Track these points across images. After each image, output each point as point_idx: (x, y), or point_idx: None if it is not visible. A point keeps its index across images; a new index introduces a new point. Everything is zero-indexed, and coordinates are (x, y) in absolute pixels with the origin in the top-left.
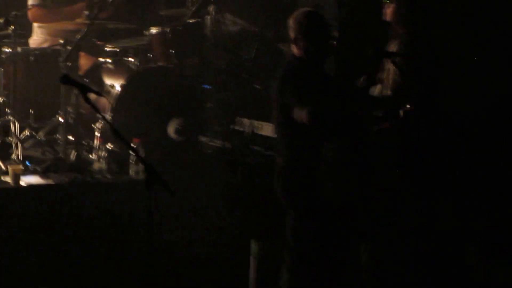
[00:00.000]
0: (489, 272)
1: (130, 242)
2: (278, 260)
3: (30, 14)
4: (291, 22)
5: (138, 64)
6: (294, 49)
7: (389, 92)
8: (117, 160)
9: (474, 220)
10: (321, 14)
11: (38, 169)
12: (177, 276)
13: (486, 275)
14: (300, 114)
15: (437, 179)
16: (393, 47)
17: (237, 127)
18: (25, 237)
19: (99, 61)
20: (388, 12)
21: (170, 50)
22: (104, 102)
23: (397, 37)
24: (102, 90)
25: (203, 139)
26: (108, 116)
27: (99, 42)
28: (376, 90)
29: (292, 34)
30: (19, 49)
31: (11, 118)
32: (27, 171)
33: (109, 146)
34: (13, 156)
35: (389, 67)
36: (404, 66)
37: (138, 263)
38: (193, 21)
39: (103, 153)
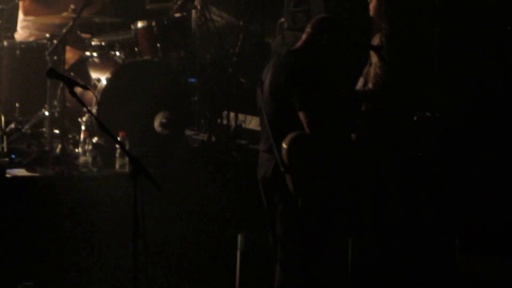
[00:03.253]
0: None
1: (115, 235)
2: (265, 254)
3: (23, 7)
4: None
5: (124, 57)
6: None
7: (370, 86)
8: (102, 154)
9: (461, 215)
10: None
11: (24, 162)
12: (163, 269)
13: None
14: (304, 119)
15: (423, 174)
16: (376, 40)
17: (222, 121)
18: (9, 229)
19: (85, 55)
20: (371, 7)
21: (156, 44)
22: (90, 95)
23: (380, 31)
24: (88, 83)
25: (188, 132)
26: (94, 109)
27: (85, 36)
28: (358, 84)
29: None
30: (5, 43)
31: None
32: (12, 164)
33: (94, 139)
34: None
35: (372, 61)
36: (386, 59)
37: (123, 256)
38: (179, 15)
39: (88, 147)
